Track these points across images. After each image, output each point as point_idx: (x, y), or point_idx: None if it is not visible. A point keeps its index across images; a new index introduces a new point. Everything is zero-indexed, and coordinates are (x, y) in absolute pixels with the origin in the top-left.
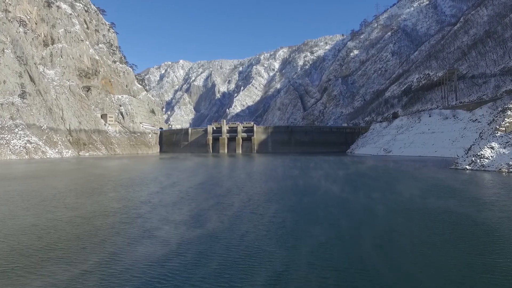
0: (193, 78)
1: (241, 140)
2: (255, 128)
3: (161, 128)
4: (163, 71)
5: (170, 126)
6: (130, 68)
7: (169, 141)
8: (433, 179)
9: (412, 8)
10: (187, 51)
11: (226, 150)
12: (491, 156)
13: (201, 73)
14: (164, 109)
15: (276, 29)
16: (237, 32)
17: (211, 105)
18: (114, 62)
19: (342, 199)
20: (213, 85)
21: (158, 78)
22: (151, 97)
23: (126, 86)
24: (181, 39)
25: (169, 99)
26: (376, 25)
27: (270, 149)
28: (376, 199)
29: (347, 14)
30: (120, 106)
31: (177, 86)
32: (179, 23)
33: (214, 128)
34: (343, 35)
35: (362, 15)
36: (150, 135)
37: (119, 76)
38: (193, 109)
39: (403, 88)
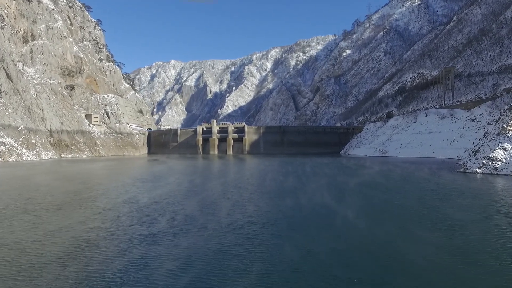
0: (185, 78)
1: (232, 141)
2: (246, 129)
3: (149, 129)
4: (154, 71)
5: (159, 126)
6: (117, 67)
7: (158, 142)
8: (472, 190)
9: (404, 8)
10: (178, 51)
11: (216, 151)
12: (504, 159)
13: (193, 73)
14: (155, 110)
15: (268, 29)
16: (229, 32)
17: (203, 105)
18: (100, 60)
19: (381, 241)
20: (205, 85)
21: (149, 78)
22: (139, 97)
23: (113, 85)
24: (173, 39)
25: (160, 99)
26: (368, 25)
27: (262, 149)
28: (442, 245)
29: (339, 14)
30: (106, 105)
31: (168, 87)
32: (171, 23)
33: (204, 129)
34: (335, 35)
35: (354, 15)
36: (137, 136)
37: (105, 74)
38: (184, 110)
39: (396, 88)
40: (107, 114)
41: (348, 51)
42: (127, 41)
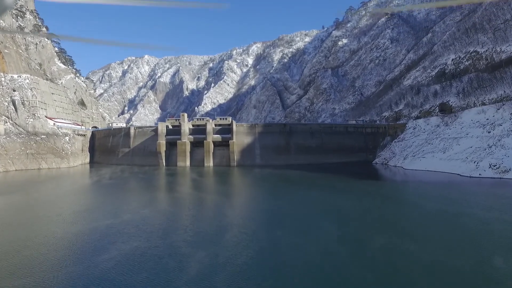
0: (159, 75)
1: (212, 146)
2: (234, 127)
3: (95, 127)
4: (126, 67)
5: (109, 124)
6: (47, 40)
7: (104, 146)
8: None
9: None
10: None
11: (188, 162)
12: None
13: (168, 69)
14: (126, 108)
15: (248, 25)
16: (206, 29)
17: (179, 103)
18: (21, 28)
19: None
20: (181, 82)
21: (120, 74)
22: (80, 83)
23: (39, 64)
24: (146, 34)
25: (132, 97)
26: (364, 12)
27: (258, 159)
28: None
29: (322, 9)
30: (14, 91)
31: (141, 83)
32: (145, 17)
33: (170, 127)
34: (323, 27)
35: (335, 10)
36: (67, 138)
37: (24, 48)
38: (158, 108)
39: (433, 73)
40: (13, 103)
41: (345, 40)
42: (96, 34)
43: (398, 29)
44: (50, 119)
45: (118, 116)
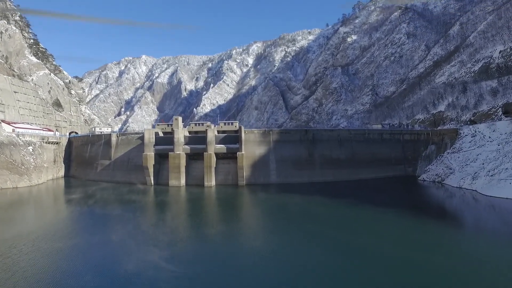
0: (157, 75)
1: (214, 159)
2: (243, 134)
3: (74, 133)
4: (122, 67)
5: (92, 129)
6: (15, 29)
7: (81, 157)
8: None
9: None
10: (150, 46)
11: (183, 180)
12: None
13: (166, 69)
14: (122, 109)
15: (248, 24)
16: (205, 29)
17: (177, 104)
18: None
19: None
20: (179, 82)
21: (117, 75)
22: (56, 80)
23: (6, 58)
24: (144, 33)
25: (129, 98)
26: (373, 7)
27: (273, 175)
28: None
29: (324, 8)
30: None
31: (138, 84)
32: (142, 15)
33: (160, 134)
34: (328, 24)
35: (339, 10)
36: (30, 147)
37: None
38: (156, 109)
39: (476, 68)
40: None
41: (354, 37)
42: (92, 34)
43: (414, 23)
44: (9, 124)
45: (115, 117)
